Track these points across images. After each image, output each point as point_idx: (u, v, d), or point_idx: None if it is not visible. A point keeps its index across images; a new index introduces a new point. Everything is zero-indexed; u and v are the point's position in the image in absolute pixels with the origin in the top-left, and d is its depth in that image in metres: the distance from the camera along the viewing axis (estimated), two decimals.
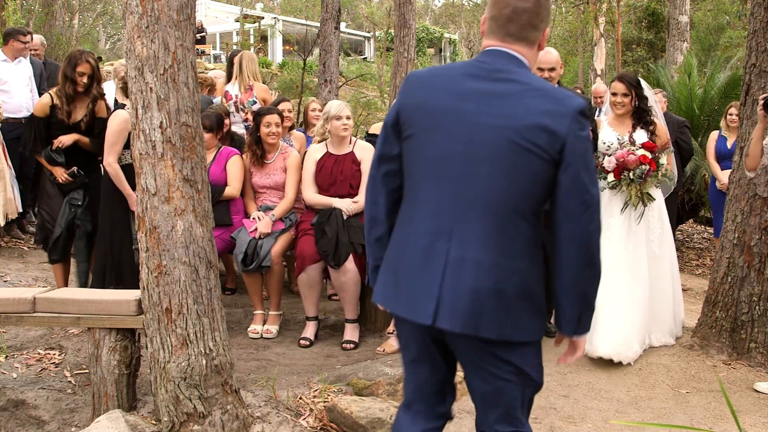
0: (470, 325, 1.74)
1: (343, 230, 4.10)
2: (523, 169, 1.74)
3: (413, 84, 1.90)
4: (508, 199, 1.76)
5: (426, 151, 1.83)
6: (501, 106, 1.76)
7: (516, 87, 1.77)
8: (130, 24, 2.65)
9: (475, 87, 1.79)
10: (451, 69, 1.90)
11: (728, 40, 14.57)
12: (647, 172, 3.91)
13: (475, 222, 1.76)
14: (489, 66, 1.82)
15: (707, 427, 3.10)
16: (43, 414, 3.22)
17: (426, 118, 1.83)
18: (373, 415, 2.91)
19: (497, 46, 1.84)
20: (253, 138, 4.61)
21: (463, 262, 1.75)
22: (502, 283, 1.75)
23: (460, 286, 1.75)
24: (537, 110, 1.74)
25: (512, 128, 1.74)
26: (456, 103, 1.79)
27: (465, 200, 1.78)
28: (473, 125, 1.77)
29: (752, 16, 3.98)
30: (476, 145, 1.76)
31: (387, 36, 19.25)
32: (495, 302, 1.75)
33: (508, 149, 1.74)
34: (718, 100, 7.54)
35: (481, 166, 1.76)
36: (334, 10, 8.21)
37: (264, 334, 4.40)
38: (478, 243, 1.76)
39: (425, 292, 1.77)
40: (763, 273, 3.87)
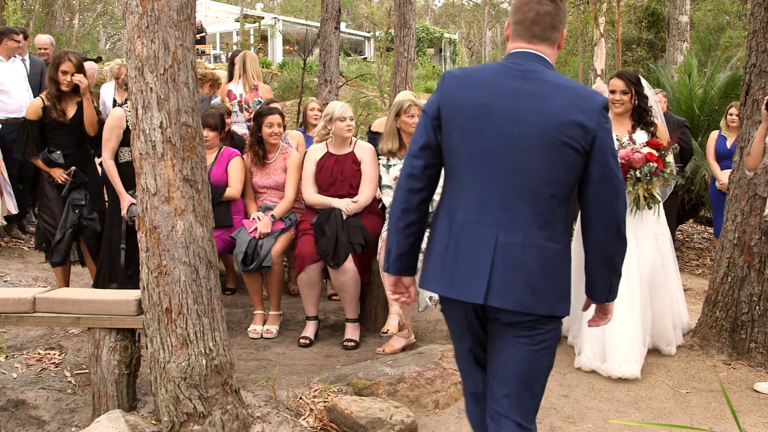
0: (520, 302, 1.95)
1: (342, 230, 4.10)
2: (559, 160, 1.95)
3: (451, 82, 2.05)
4: (546, 186, 1.96)
5: (469, 146, 1.99)
6: (537, 103, 1.96)
7: (548, 86, 1.98)
8: (130, 24, 2.65)
9: (511, 86, 1.98)
10: (486, 69, 2.09)
11: (728, 40, 14.58)
12: (654, 170, 3.74)
13: (518, 209, 1.96)
14: (521, 67, 2.01)
15: (707, 427, 3.10)
16: (43, 414, 3.22)
17: (468, 115, 1.99)
18: (373, 415, 2.91)
19: (525, 47, 2.05)
20: (255, 138, 4.61)
21: (511, 246, 1.95)
22: (545, 262, 1.96)
23: (509, 268, 1.94)
24: (570, 107, 1.95)
25: (550, 124, 1.94)
26: (496, 101, 1.97)
27: (509, 189, 1.96)
28: (514, 121, 1.95)
29: (752, 16, 3.98)
30: (518, 139, 1.95)
31: (387, 36, 19.25)
32: (540, 280, 1.96)
33: (547, 143, 1.94)
34: (718, 100, 7.54)
35: (522, 158, 1.95)
36: (334, 10, 8.21)
37: (264, 334, 4.40)
38: (523, 227, 1.96)
39: (477, 275, 1.96)
40: (763, 273, 3.87)
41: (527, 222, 1.96)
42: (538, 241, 1.96)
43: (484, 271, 1.95)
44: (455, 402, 3.32)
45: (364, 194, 4.33)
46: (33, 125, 4.42)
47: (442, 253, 2.04)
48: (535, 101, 1.96)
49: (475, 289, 1.96)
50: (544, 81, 1.99)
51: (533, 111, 1.95)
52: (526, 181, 1.96)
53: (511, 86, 1.98)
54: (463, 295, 1.99)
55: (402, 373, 3.34)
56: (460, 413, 3.23)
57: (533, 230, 1.96)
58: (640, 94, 3.90)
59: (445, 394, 3.30)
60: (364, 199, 4.32)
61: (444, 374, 3.38)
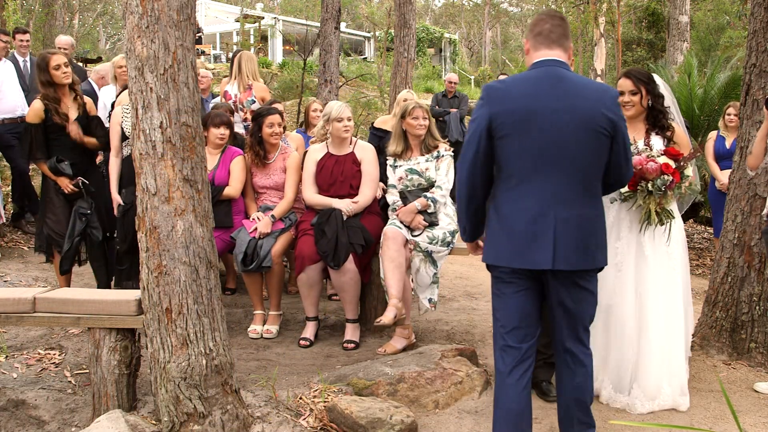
0: (578, 262, 2.48)
1: (342, 230, 4.10)
2: (597, 147, 2.49)
3: (497, 94, 2.52)
4: (588, 169, 2.50)
5: (524, 144, 2.46)
6: (573, 102, 2.45)
7: (575, 86, 2.49)
8: (130, 24, 2.65)
9: (549, 90, 2.47)
10: (524, 78, 2.56)
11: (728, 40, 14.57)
12: (669, 184, 3.26)
13: (569, 190, 2.47)
14: (551, 73, 2.50)
15: (707, 427, 3.10)
16: (43, 414, 3.22)
17: (517, 120, 2.45)
18: (373, 415, 2.91)
19: (547, 54, 2.54)
20: (255, 139, 4.60)
21: (567, 220, 2.46)
22: (592, 228, 2.52)
23: (567, 238, 2.45)
24: (596, 102, 2.48)
25: (587, 118, 2.45)
26: (539, 104, 2.45)
27: (561, 176, 2.46)
28: (558, 120, 2.44)
29: (752, 16, 3.98)
30: (564, 134, 2.44)
31: (387, 36, 19.24)
32: (591, 243, 2.51)
33: (587, 134, 2.46)
34: (718, 100, 7.54)
35: (569, 149, 2.45)
36: (334, 10, 8.21)
37: (264, 334, 4.40)
38: (574, 204, 2.48)
39: (543, 246, 2.45)
40: (763, 273, 3.87)
41: (576, 199, 2.48)
42: (584, 212, 2.49)
43: (549, 242, 2.44)
44: (455, 402, 3.32)
45: (365, 195, 4.33)
46: (37, 129, 4.39)
47: (507, 233, 2.50)
48: (571, 100, 2.45)
49: (541, 259, 2.44)
50: (571, 81, 2.49)
51: (571, 109, 2.44)
52: (574, 168, 2.46)
53: (549, 89, 2.46)
54: (529, 264, 2.47)
55: (402, 373, 3.34)
56: (460, 413, 3.23)
57: (582, 205, 2.49)
58: (653, 93, 3.44)
59: (445, 394, 3.30)
60: (365, 199, 4.32)
61: (444, 374, 3.38)
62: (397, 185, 4.33)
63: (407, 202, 4.23)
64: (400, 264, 4.03)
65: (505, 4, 36.51)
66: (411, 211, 4.16)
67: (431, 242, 4.11)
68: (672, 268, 3.36)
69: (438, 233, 4.14)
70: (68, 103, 4.43)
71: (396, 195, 4.31)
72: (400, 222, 4.17)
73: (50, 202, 4.48)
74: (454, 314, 4.98)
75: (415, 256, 4.10)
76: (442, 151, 4.32)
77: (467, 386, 3.40)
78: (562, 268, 2.45)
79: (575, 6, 18.57)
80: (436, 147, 4.33)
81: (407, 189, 4.29)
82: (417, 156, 4.33)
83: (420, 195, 4.22)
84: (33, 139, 4.41)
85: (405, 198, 4.26)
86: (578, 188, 2.48)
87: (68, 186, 4.38)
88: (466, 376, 3.42)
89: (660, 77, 3.85)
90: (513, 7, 36.54)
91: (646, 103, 3.44)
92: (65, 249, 4.31)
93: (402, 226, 4.15)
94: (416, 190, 4.27)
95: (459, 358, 3.59)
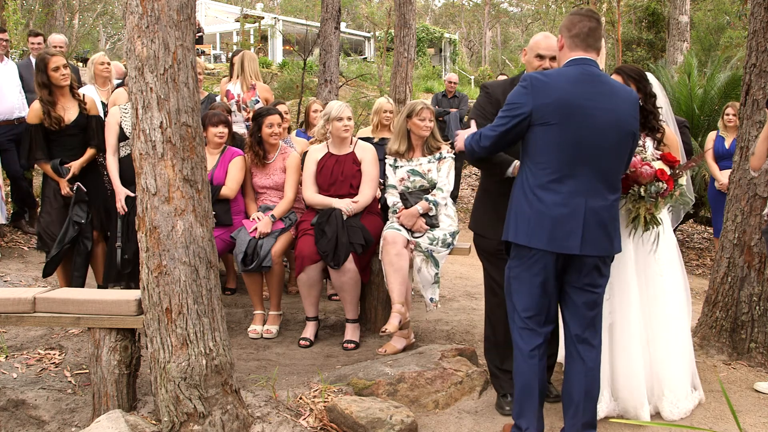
0: (603, 248, 2.69)
1: (342, 230, 4.10)
2: (624, 145, 2.72)
3: (541, 85, 2.65)
4: (615, 164, 2.71)
5: (562, 136, 2.62)
6: (609, 101, 2.65)
7: (609, 87, 2.69)
8: (131, 24, 2.65)
9: (588, 88, 2.64)
10: (565, 73, 2.69)
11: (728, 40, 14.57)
12: (663, 192, 3.14)
13: (598, 182, 2.66)
14: (589, 72, 2.68)
15: (707, 427, 3.10)
16: (43, 414, 3.22)
17: (560, 113, 2.61)
18: (373, 415, 2.91)
19: (583, 55, 2.70)
20: (255, 139, 4.61)
21: (596, 210, 2.65)
22: (612, 216, 2.72)
23: (594, 225, 2.64)
24: (626, 103, 2.70)
25: (619, 118, 2.66)
26: (581, 102, 2.62)
27: (592, 168, 2.64)
28: (596, 117, 2.62)
29: (752, 16, 3.98)
30: (598, 130, 2.63)
31: (387, 36, 19.23)
32: (612, 231, 2.72)
33: (618, 132, 2.67)
34: (718, 100, 7.54)
35: (602, 145, 2.64)
36: (334, 10, 8.21)
37: (264, 334, 4.40)
38: (601, 194, 2.67)
39: (573, 232, 2.63)
40: (763, 273, 3.87)
41: (604, 191, 2.67)
42: (607, 203, 2.68)
43: (578, 229, 2.62)
44: (455, 402, 3.32)
45: (365, 194, 4.33)
46: (36, 129, 4.39)
47: (538, 218, 2.65)
48: (608, 99, 2.65)
49: (571, 244, 2.63)
50: (606, 83, 2.69)
51: (607, 107, 2.64)
52: (604, 162, 2.65)
53: (588, 88, 2.64)
54: (558, 248, 2.64)
55: (402, 373, 3.34)
56: (460, 413, 3.23)
57: (606, 196, 2.68)
58: (644, 91, 3.34)
59: (445, 394, 3.30)
60: (365, 199, 4.32)
61: (444, 374, 3.38)
62: (398, 186, 4.32)
63: (408, 203, 4.22)
64: (401, 267, 4.03)
65: (505, 4, 36.52)
66: (413, 215, 4.16)
67: (432, 243, 4.11)
68: (658, 273, 3.27)
69: (438, 234, 4.14)
70: (66, 105, 4.43)
71: (396, 196, 4.30)
72: (399, 224, 4.16)
73: (48, 202, 4.49)
74: (454, 314, 4.98)
75: (417, 256, 4.10)
76: (444, 153, 4.32)
77: (467, 386, 3.40)
78: (588, 253, 2.64)
79: (575, 6, 18.57)
80: (438, 149, 4.33)
81: (408, 190, 4.29)
82: (419, 157, 4.33)
83: (421, 197, 4.22)
84: (33, 139, 4.41)
85: (405, 199, 4.26)
86: (605, 182, 2.67)
87: (65, 188, 4.38)
88: (466, 376, 3.42)
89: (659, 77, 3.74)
90: (513, 7, 36.56)
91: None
92: (52, 253, 4.30)
93: (401, 227, 4.15)
94: (417, 191, 4.27)
95: (459, 358, 3.59)
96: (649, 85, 3.40)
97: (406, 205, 4.23)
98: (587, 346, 2.77)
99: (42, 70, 4.32)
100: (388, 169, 4.38)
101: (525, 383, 2.75)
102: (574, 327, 2.79)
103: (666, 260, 3.33)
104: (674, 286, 3.34)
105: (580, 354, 2.77)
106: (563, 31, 2.75)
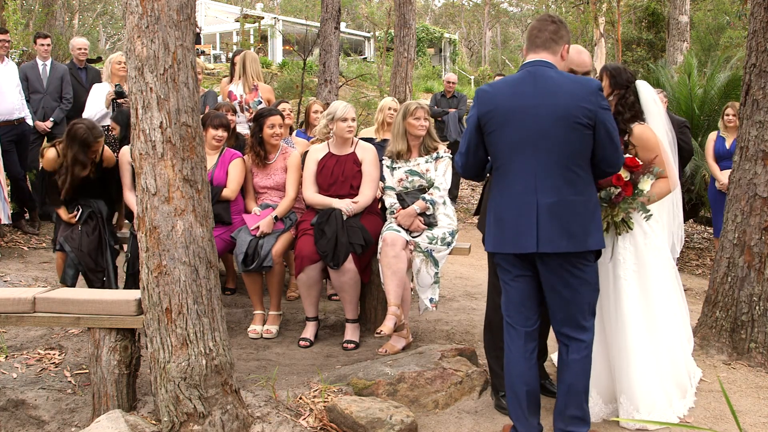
0: (561, 245, 2.63)
1: (342, 231, 4.09)
2: (575, 138, 2.65)
3: (484, 97, 2.77)
4: (569, 158, 2.66)
5: (508, 138, 2.70)
6: (550, 97, 2.64)
7: (553, 83, 2.67)
8: (130, 24, 2.65)
9: (529, 89, 2.68)
10: (507, 81, 2.80)
11: (728, 40, 14.57)
12: (617, 196, 3.06)
13: (550, 178, 2.65)
14: (532, 71, 2.72)
15: (707, 426, 3.10)
16: (43, 414, 3.22)
17: (501, 117, 2.70)
18: (373, 415, 2.91)
19: (531, 57, 2.77)
20: (256, 139, 4.61)
21: (548, 206, 2.63)
22: (575, 212, 2.65)
23: (550, 221, 2.63)
24: (574, 96, 2.64)
25: (564, 111, 2.63)
26: (520, 103, 2.68)
27: (541, 165, 2.65)
28: (537, 115, 2.64)
29: (752, 16, 3.98)
30: (543, 127, 2.64)
31: (387, 36, 19.22)
32: (574, 226, 2.64)
33: (564, 127, 2.63)
34: (718, 100, 7.54)
35: (548, 141, 2.64)
36: (334, 10, 8.21)
37: (264, 335, 4.40)
38: (555, 190, 2.64)
39: (527, 231, 2.64)
40: (763, 273, 3.87)
41: (558, 186, 2.64)
42: (567, 198, 2.64)
43: (532, 227, 2.63)
44: (455, 402, 3.32)
45: (365, 195, 4.33)
46: (50, 177, 4.40)
47: (498, 220, 2.74)
48: (550, 95, 2.64)
49: (527, 242, 2.64)
50: (550, 79, 2.68)
51: (549, 103, 2.64)
52: (554, 158, 2.64)
53: (528, 88, 2.68)
54: (517, 248, 2.67)
55: (402, 373, 3.34)
56: (460, 413, 3.23)
57: (565, 192, 2.64)
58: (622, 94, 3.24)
59: (445, 394, 3.30)
60: (365, 200, 4.31)
61: (444, 374, 3.38)
62: (396, 187, 4.32)
63: (405, 204, 4.22)
64: (399, 269, 4.02)
65: (505, 4, 36.51)
66: (410, 214, 4.16)
67: (431, 242, 4.11)
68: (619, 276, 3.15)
69: (438, 233, 4.14)
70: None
71: (393, 197, 4.30)
72: (398, 225, 4.16)
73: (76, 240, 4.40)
74: (454, 314, 4.98)
75: (416, 256, 4.10)
76: (441, 153, 4.32)
77: (467, 386, 3.40)
78: (546, 250, 2.63)
79: (575, 6, 18.58)
80: (435, 149, 4.33)
81: (406, 191, 4.29)
82: (416, 157, 4.33)
83: (418, 196, 4.22)
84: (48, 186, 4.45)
85: (403, 200, 4.25)
86: (560, 176, 2.65)
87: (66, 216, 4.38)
88: (466, 376, 3.42)
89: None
90: (513, 7, 36.54)
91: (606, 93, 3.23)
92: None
93: (400, 228, 4.15)
94: (414, 191, 4.27)
95: (459, 358, 3.59)
96: (629, 86, 3.27)
97: (403, 206, 4.23)
98: (571, 341, 2.79)
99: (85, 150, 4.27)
100: (386, 170, 4.37)
101: (511, 385, 2.81)
102: (555, 324, 2.82)
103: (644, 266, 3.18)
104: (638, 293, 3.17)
105: (562, 349, 2.81)
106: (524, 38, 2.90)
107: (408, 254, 4.09)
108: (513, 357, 2.82)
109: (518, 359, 2.80)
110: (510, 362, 2.83)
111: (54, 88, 6.50)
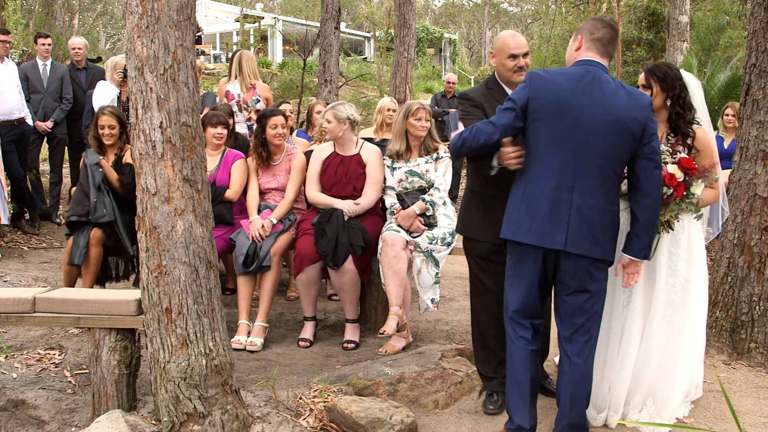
0: (588, 249, 2.65)
1: (343, 231, 4.09)
2: (620, 143, 2.67)
3: (540, 81, 2.71)
4: (609, 162, 2.67)
5: (554, 130, 2.67)
6: (606, 100, 2.65)
7: (611, 88, 2.68)
8: (130, 24, 2.65)
9: (587, 88, 2.67)
10: (565, 73, 2.74)
11: (728, 40, 14.55)
12: (667, 198, 3.01)
13: (588, 178, 2.66)
14: (594, 72, 2.70)
15: (707, 427, 3.10)
16: (43, 414, 3.22)
17: (553, 108, 2.66)
18: (373, 415, 2.91)
19: (596, 58, 2.75)
20: (259, 140, 4.60)
21: (582, 207, 2.65)
22: (606, 219, 2.69)
23: (581, 223, 2.64)
24: (627, 105, 2.67)
25: (615, 116, 2.64)
26: (575, 98, 2.65)
27: (582, 164, 2.65)
28: (590, 114, 2.64)
29: (752, 16, 3.98)
30: (590, 126, 2.64)
31: (387, 36, 19.23)
32: (602, 233, 2.68)
33: (612, 130, 2.65)
34: (718, 100, 7.55)
35: (593, 141, 2.64)
36: (334, 10, 8.21)
37: (248, 347, 4.14)
38: (592, 192, 2.66)
39: (557, 227, 2.65)
40: (763, 273, 3.87)
41: (594, 188, 2.65)
42: (601, 203, 2.67)
43: (563, 225, 2.64)
44: (455, 402, 3.32)
45: (368, 197, 4.32)
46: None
47: (526, 212, 2.71)
48: (607, 98, 2.65)
49: (555, 239, 2.64)
50: (606, 83, 2.69)
51: (603, 106, 2.64)
52: (596, 158, 2.65)
53: (586, 88, 2.67)
54: (543, 243, 2.67)
55: (402, 373, 3.34)
56: (459, 413, 3.23)
57: (598, 197, 2.66)
58: (672, 90, 3.11)
59: (445, 394, 3.30)
60: (367, 201, 4.30)
61: (444, 374, 3.38)
62: (396, 187, 4.32)
63: (405, 205, 4.22)
64: (399, 269, 4.02)
65: (505, 4, 36.51)
66: (409, 216, 4.16)
67: (431, 242, 4.11)
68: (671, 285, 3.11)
69: (438, 233, 4.14)
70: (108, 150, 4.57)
71: (393, 198, 4.30)
72: (397, 225, 4.16)
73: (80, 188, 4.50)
74: (454, 314, 4.98)
75: (417, 257, 4.10)
76: (441, 153, 4.32)
77: (467, 386, 3.40)
78: (572, 251, 2.64)
79: (575, 6, 18.57)
80: (436, 149, 4.33)
81: (406, 191, 4.29)
82: (416, 157, 4.33)
83: (418, 197, 4.22)
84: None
85: (402, 200, 4.25)
86: (598, 179, 2.66)
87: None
88: (466, 376, 3.42)
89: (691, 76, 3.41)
90: (513, 7, 36.54)
91: (661, 101, 3.13)
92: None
93: (400, 228, 4.14)
94: (414, 191, 4.27)
95: (459, 358, 3.59)
96: (679, 83, 3.13)
97: (403, 206, 4.22)
98: (574, 350, 2.77)
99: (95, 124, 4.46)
100: (387, 170, 4.37)
101: (514, 374, 2.82)
102: (562, 328, 2.80)
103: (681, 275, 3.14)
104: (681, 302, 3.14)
105: (567, 355, 2.79)
106: (584, 33, 2.79)
107: (408, 254, 4.09)
108: (517, 347, 2.82)
109: (522, 350, 2.80)
110: (513, 353, 2.83)
111: (54, 88, 6.51)
